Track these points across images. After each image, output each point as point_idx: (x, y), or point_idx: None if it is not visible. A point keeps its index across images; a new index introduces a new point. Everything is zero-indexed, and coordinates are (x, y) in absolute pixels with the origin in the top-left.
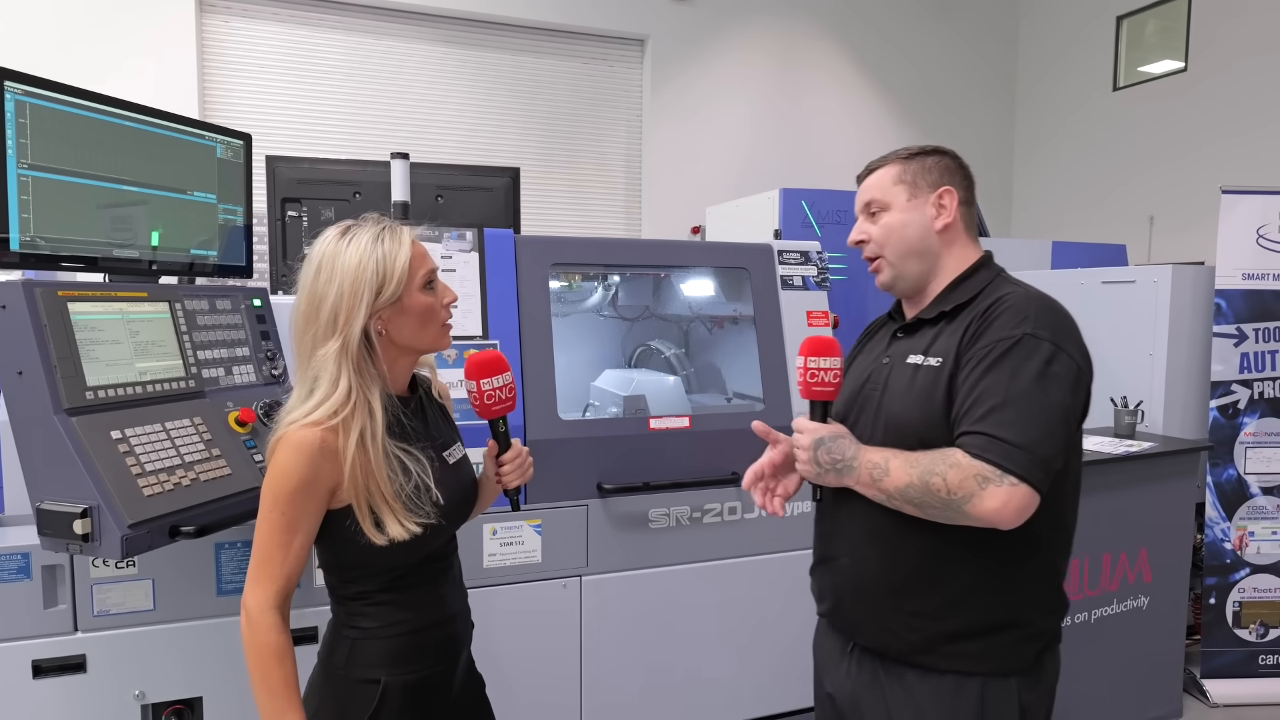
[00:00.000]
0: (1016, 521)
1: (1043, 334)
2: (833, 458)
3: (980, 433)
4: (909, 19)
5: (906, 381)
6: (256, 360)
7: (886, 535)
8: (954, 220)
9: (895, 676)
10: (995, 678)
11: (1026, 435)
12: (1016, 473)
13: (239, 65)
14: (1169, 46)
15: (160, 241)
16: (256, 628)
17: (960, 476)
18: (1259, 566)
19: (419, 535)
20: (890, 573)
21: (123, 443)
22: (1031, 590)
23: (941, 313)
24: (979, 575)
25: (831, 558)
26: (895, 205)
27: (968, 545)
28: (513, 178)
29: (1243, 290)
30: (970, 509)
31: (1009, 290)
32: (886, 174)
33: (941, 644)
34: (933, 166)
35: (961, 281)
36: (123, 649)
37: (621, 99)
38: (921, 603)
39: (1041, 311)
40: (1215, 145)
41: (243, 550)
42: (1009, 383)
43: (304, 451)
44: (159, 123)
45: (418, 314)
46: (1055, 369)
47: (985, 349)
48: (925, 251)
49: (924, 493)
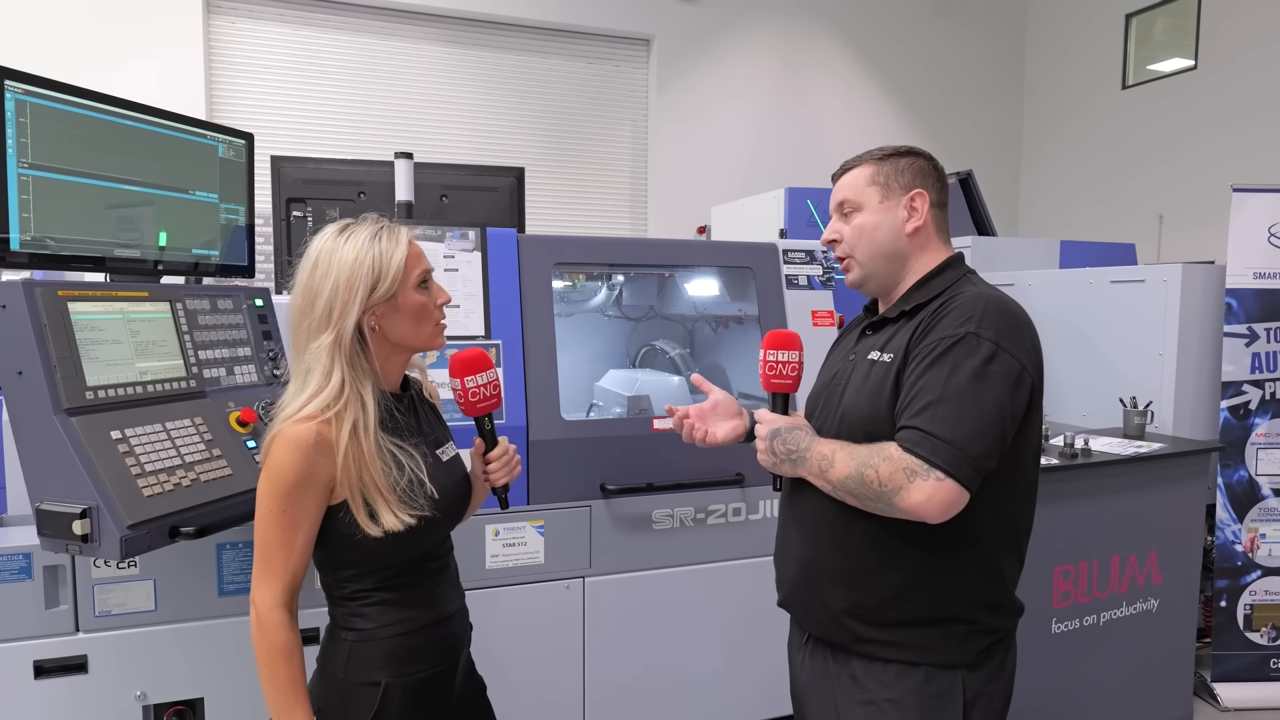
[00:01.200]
0: (942, 516)
1: (985, 333)
2: (788, 448)
3: (913, 428)
4: (915, 17)
5: (863, 376)
6: (258, 360)
7: (833, 525)
8: (925, 223)
9: (842, 665)
10: (939, 668)
11: (957, 432)
12: (943, 468)
13: (245, 66)
14: (1179, 44)
15: (171, 242)
16: (265, 626)
17: (891, 469)
18: (1270, 569)
19: (414, 528)
20: (835, 562)
21: (123, 443)
22: (973, 585)
23: (903, 311)
24: (919, 567)
25: (786, 547)
26: (868, 206)
27: (907, 538)
28: (517, 177)
29: (1254, 289)
30: (898, 501)
31: (962, 290)
32: (860, 174)
33: (885, 633)
34: (905, 168)
35: (926, 281)
36: (124, 649)
37: (627, 99)
38: (865, 592)
39: (989, 312)
40: (1225, 143)
41: (244, 551)
42: (946, 380)
43: (299, 447)
44: (160, 122)
45: (411, 312)
46: (994, 368)
47: (930, 346)
48: (894, 254)
49: (860, 484)
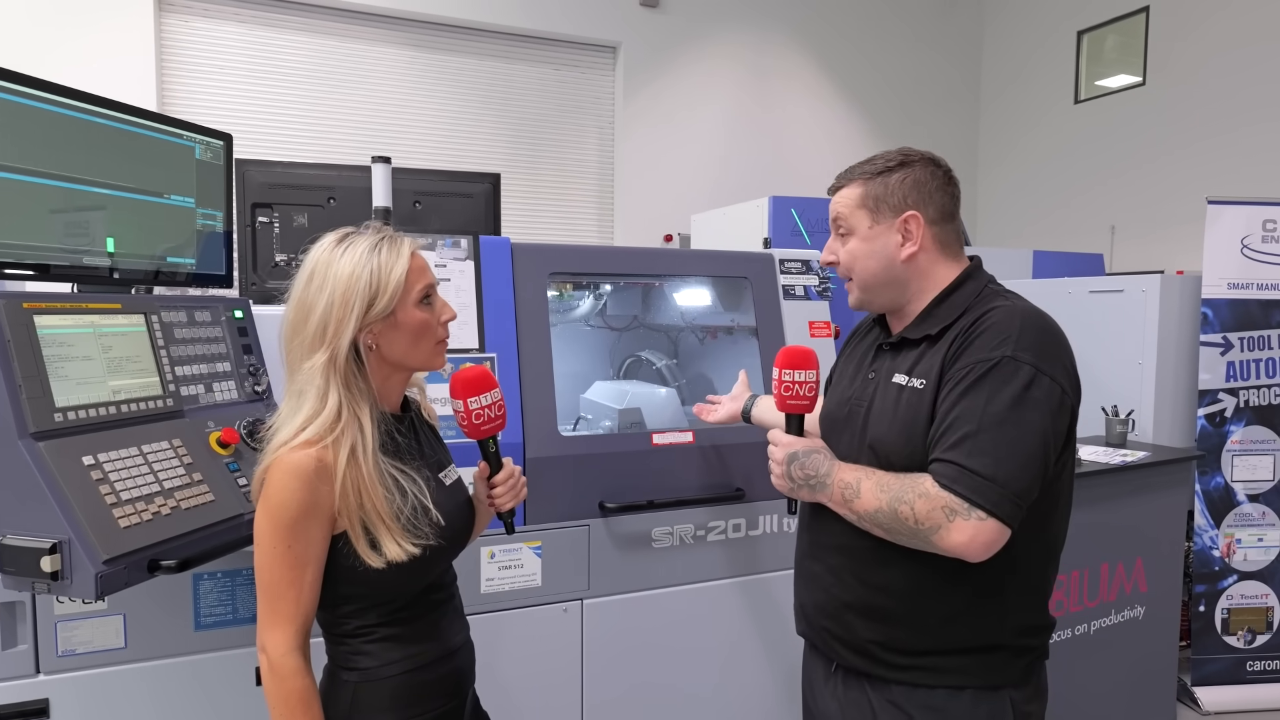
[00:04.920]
0: (983, 556)
1: (1024, 356)
2: (806, 473)
3: (950, 461)
4: (877, 31)
5: (891, 403)
6: (239, 376)
7: (862, 558)
8: (921, 247)
9: (881, 692)
10: (986, 689)
11: (999, 467)
12: (985, 507)
13: (200, 67)
14: (1127, 62)
15: (120, 247)
16: (280, 674)
17: (928, 507)
18: (1246, 573)
19: (419, 558)
20: (867, 596)
21: (95, 469)
22: (1014, 613)
23: (927, 335)
24: (959, 601)
25: (810, 577)
26: (858, 231)
27: (945, 572)
28: (493, 184)
29: (1228, 299)
30: (937, 540)
31: (996, 305)
32: (850, 195)
33: (925, 660)
34: (897, 186)
35: (945, 298)
36: (91, 692)
37: (593, 106)
38: (900, 626)
39: (1026, 330)
40: (1172, 157)
41: (223, 581)
42: (984, 409)
43: (300, 476)
44: (131, 120)
45: (411, 330)
46: (1034, 394)
47: (963, 370)
48: (891, 281)
49: (892, 519)
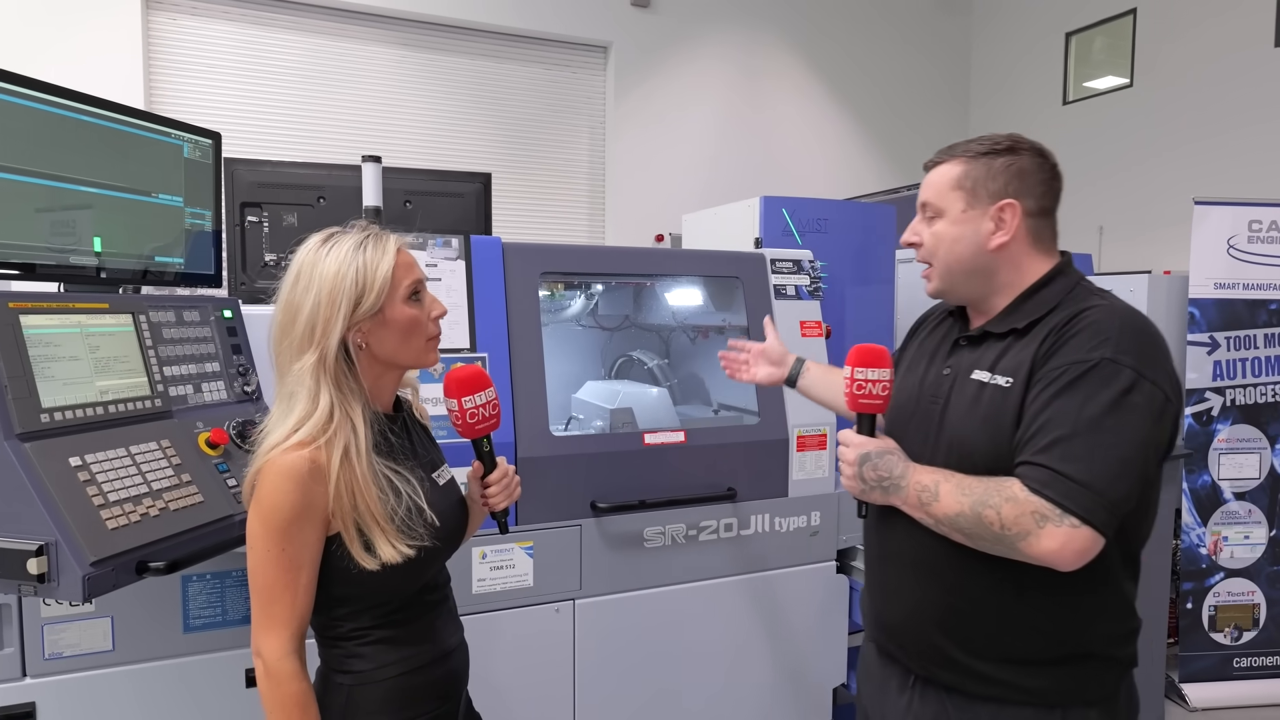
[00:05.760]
0: (1075, 565)
1: (1124, 359)
2: (879, 475)
3: (1042, 465)
4: (866, 32)
5: (970, 400)
6: (228, 376)
7: (946, 565)
8: (1013, 238)
9: (964, 710)
10: (1076, 708)
11: (1093, 473)
12: (1077, 513)
13: (188, 65)
14: (1115, 63)
15: (108, 246)
16: (276, 678)
17: (1016, 512)
18: (1233, 571)
19: (414, 559)
20: (953, 604)
21: (83, 470)
22: (1106, 620)
23: (1014, 329)
24: (1050, 610)
25: (886, 583)
26: (949, 214)
27: (1035, 580)
28: (484, 183)
29: (1215, 299)
30: (1024, 547)
31: (1092, 304)
32: (946, 173)
33: (1013, 676)
34: (1000, 171)
35: (1034, 293)
36: (78, 695)
37: (585, 105)
38: (990, 636)
39: (1126, 332)
40: (1159, 158)
41: (212, 583)
42: (1079, 412)
43: (294, 477)
44: (119, 118)
45: (401, 327)
46: (1135, 399)
47: (1057, 370)
48: (977, 270)
49: (975, 524)
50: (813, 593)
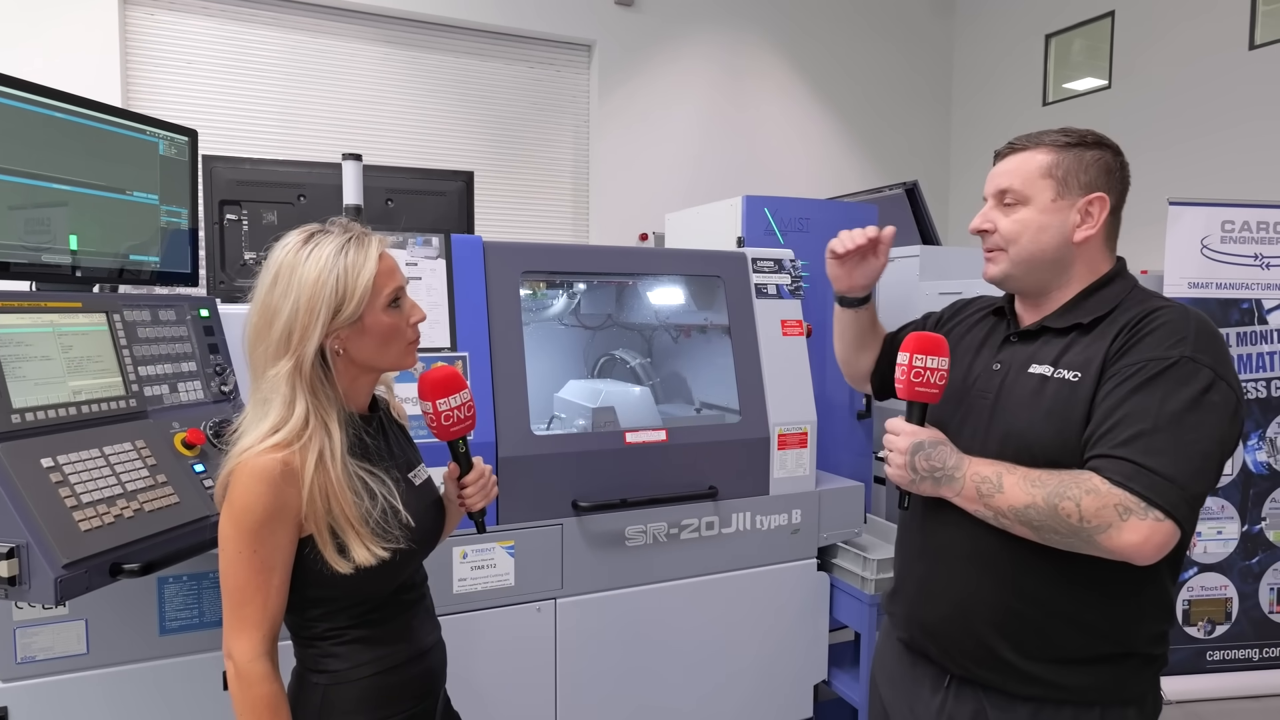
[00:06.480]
0: (1154, 558)
1: (1203, 359)
2: (931, 465)
3: (1124, 459)
4: (849, 33)
5: (1031, 393)
6: (204, 376)
7: (998, 560)
8: (1098, 231)
9: (1004, 710)
10: (1115, 707)
11: (1177, 468)
12: (1163, 507)
13: (166, 61)
14: (1093, 65)
15: (83, 244)
16: (247, 680)
17: (1097, 504)
18: (1206, 565)
19: (389, 561)
20: (1005, 600)
21: (55, 471)
22: (1149, 618)
23: (1078, 323)
24: (1101, 605)
25: (928, 580)
26: (1036, 202)
27: (1088, 575)
28: (466, 182)
29: (1189, 299)
30: (1104, 540)
31: (1160, 305)
32: (1034, 160)
33: (1057, 675)
34: (1091, 164)
35: (1096, 290)
36: (51, 699)
37: (569, 104)
38: (1039, 633)
39: (1202, 334)
40: (1138, 160)
41: (188, 584)
42: (1160, 407)
43: (265, 479)
44: (93, 115)
45: (379, 334)
46: (1213, 398)
47: (1135, 366)
48: (1057, 261)
49: (1049, 516)
50: (794, 590)
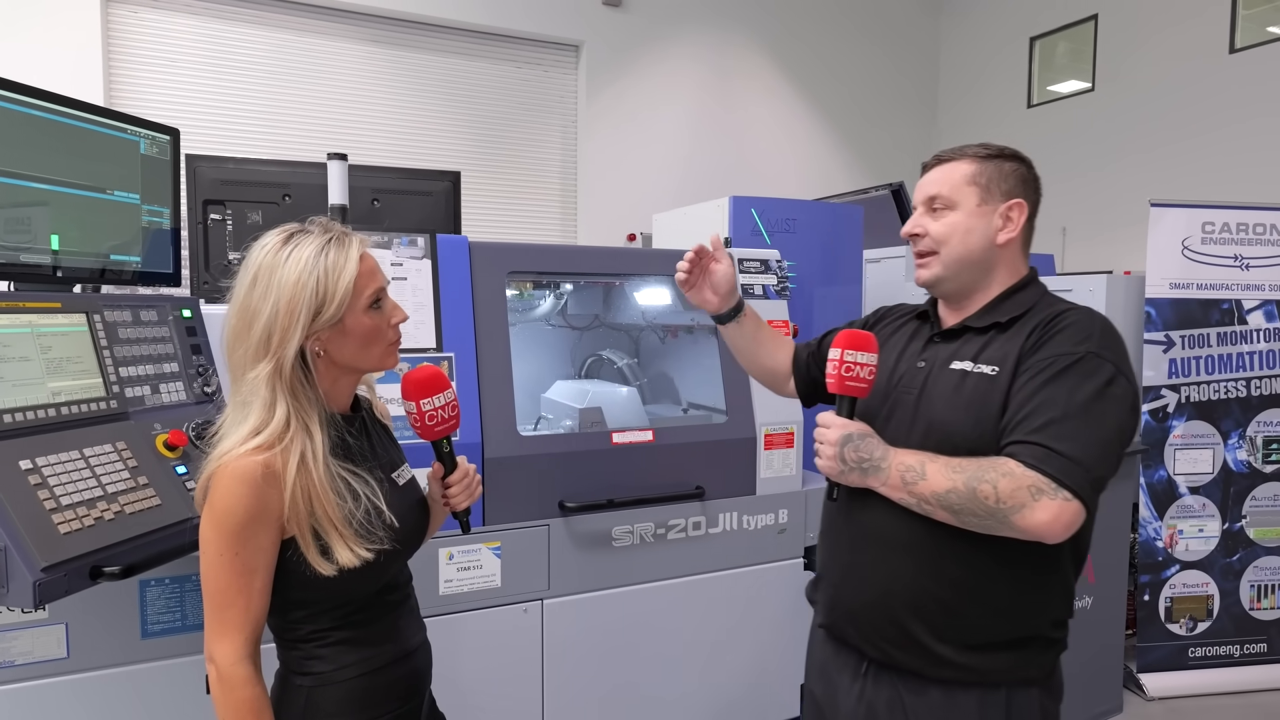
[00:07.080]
0: (1063, 536)
1: (1106, 355)
2: (859, 456)
3: (1036, 443)
4: (836, 35)
5: (952, 387)
6: (187, 377)
7: (921, 545)
8: (1017, 235)
9: (917, 694)
10: (1020, 687)
11: (1084, 451)
12: (1071, 487)
13: (149, 59)
14: (1077, 68)
15: (64, 244)
16: (230, 683)
17: (1012, 486)
18: (1187, 563)
19: (372, 562)
20: (925, 585)
21: (34, 473)
22: (1054, 603)
23: (996, 323)
24: (1013, 588)
25: (853, 566)
26: (963, 207)
27: (1003, 559)
28: (453, 182)
29: (1170, 299)
30: (1018, 520)
31: (1069, 307)
32: (959, 170)
33: (968, 658)
34: (1010, 174)
35: (1013, 293)
36: (31, 705)
37: (557, 104)
38: (956, 615)
39: (1105, 333)
40: (1120, 161)
41: (171, 587)
42: (1068, 397)
43: (247, 481)
44: (73, 113)
45: (361, 336)
46: (1115, 391)
47: (1046, 361)
48: (981, 262)
49: (968, 499)
50: (780, 590)
